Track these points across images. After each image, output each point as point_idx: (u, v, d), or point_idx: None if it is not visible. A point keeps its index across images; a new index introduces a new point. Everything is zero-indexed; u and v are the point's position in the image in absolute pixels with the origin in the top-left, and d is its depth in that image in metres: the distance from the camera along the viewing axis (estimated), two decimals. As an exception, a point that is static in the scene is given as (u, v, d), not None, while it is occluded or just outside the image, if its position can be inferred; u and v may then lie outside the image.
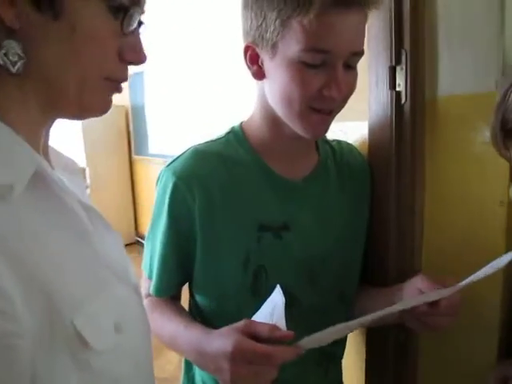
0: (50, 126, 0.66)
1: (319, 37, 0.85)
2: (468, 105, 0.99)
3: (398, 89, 1.05)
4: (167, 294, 1.08)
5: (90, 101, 0.62)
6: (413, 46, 1.03)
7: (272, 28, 0.88)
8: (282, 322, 0.80)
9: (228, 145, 1.04)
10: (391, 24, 1.04)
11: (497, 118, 0.87)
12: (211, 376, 1.04)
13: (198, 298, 1.07)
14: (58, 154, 0.73)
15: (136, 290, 0.72)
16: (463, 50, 0.99)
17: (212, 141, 1.06)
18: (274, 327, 0.80)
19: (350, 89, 0.93)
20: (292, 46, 0.87)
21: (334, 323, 0.82)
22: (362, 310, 1.09)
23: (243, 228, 0.99)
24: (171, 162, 1.03)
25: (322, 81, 0.89)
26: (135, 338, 0.68)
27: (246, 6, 0.93)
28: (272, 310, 0.84)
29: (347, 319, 1.08)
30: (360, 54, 0.90)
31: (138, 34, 0.64)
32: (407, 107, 1.05)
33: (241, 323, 0.83)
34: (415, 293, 0.92)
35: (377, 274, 1.12)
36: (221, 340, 0.83)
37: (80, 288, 0.58)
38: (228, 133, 1.06)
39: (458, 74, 1.00)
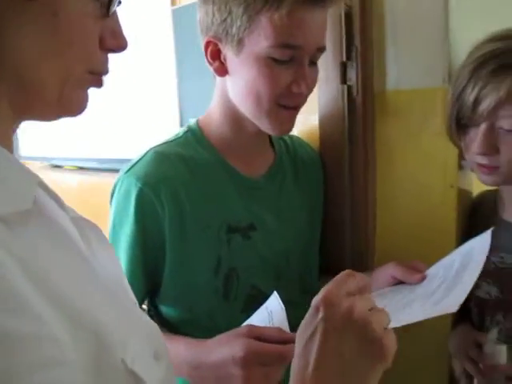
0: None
1: (290, 33, 0.87)
2: (416, 98, 1.08)
3: (349, 83, 1.11)
4: None
5: (70, 100, 0.52)
6: (363, 42, 1.09)
7: (238, 23, 0.88)
8: (285, 326, 0.79)
9: (187, 144, 1.00)
10: (341, 22, 1.09)
11: (452, 114, 0.97)
12: None
13: (164, 309, 1.01)
14: None
15: (137, 305, 0.64)
16: (410, 47, 1.08)
17: (169, 141, 1.01)
18: (282, 329, 0.79)
19: (314, 84, 0.97)
20: (260, 41, 0.87)
21: (300, 315, 0.83)
22: None
23: (213, 232, 0.97)
24: (130, 168, 0.96)
25: (290, 77, 0.90)
26: (167, 360, 0.61)
27: (205, 0, 0.91)
28: (268, 316, 0.83)
29: None
30: (324, 49, 0.94)
31: (117, 15, 0.55)
32: (359, 100, 1.11)
33: (242, 328, 0.81)
34: (388, 279, 0.97)
35: (334, 261, 1.17)
36: (224, 347, 0.79)
37: (118, 319, 0.51)
38: (186, 132, 1.03)
39: (405, 70, 1.09)
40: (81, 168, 2.88)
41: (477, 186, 1.16)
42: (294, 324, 0.80)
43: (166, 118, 2.49)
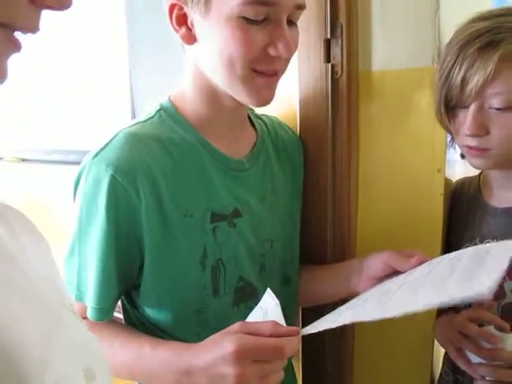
0: None
1: None
2: (404, 78, 1.04)
3: (332, 62, 1.06)
4: (110, 315, 0.88)
5: None
6: (348, 19, 1.04)
7: None
8: (281, 321, 0.72)
9: (162, 124, 0.90)
10: (326, -3, 1.04)
11: (440, 96, 0.94)
12: None
13: (148, 311, 0.91)
14: None
15: (73, 310, 0.53)
16: (398, 25, 1.03)
17: (141, 122, 0.90)
18: (276, 323, 0.70)
19: (295, 46, 0.87)
20: None
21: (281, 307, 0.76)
22: (310, 291, 1.08)
23: (196, 221, 0.87)
24: (98, 153, 0.84)
25: (266, 38, 0.81)
26: (106, 379, 0.52)
27: None
28: (263, 314, 0.76)
29: (294, 302, 1.07)
30: (303, 7, 0.84)
31: None
32: (343, 80, 1.05)
33: (234, 325, 0.72)
34: (383, 267, 0.90)
35: (315, 248, 1.12)
36: (214, 347, 0.71)
37: (40, 332, 0.42)
38: (158, 110, 0.92)
39: (392, 49, 1.04)
40: (23, 160, 2.72)
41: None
42: None
43: (116, 107, 2.37)
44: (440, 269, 0.78)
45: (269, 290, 0.77)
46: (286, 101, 1.12)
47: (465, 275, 0.70)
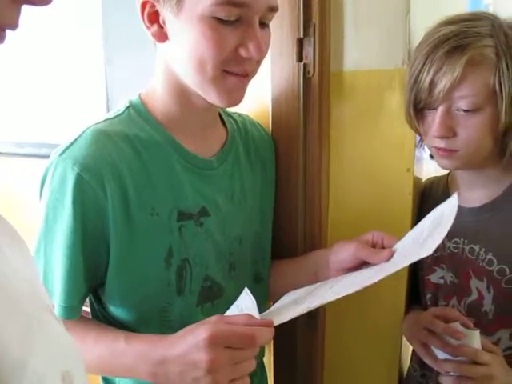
0: None
1: None
2: (373, 79, 1.05)
3: (305, 61, 1.06)
4: (79, 312, 0.88)
5: None
6: (321, 19, 1.04)
7: None
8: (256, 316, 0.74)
9: (131, 122, 0.89)
10: (299, -4, 1.04)
11: (409, 98, 0.96)
12: None
13: (112, 309, 0.91)
14: None
15: (52, 311, 0.53)
16: (369, 27, 1.04)
17: (110, 119, 0.89)
18: (251, 316, 0.72)
19: (267, 48, 0.86)
20: None
21: None
22: (281, 287, 1.07)
23: (162, 219, 0.87)
24: (65, 150, 0.83)
25: (238, 39, 0.81)
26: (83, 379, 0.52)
27: None
28: (240, 312, 0.78)
29: (265, 299, 1.08)
30: (275, 9, 0.84)
31: None
32: (315, 80, 1.06)
33: (211, 318, 0.74)
34: (352, 260, 0.91)
35: (286, 246, 1.12)
36: (188, 336, 0.72)
37: (18, 334, 0.42)
38: (127, 107, 0.91)
39: (364, 50, 1.05)
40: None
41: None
42: None
43: (90, 101, 2.35)
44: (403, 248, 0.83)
45: (246, 289, 0.78)
46: (259, 99, 1.12)
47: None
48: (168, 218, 0.88)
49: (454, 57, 0.88)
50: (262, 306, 1.06)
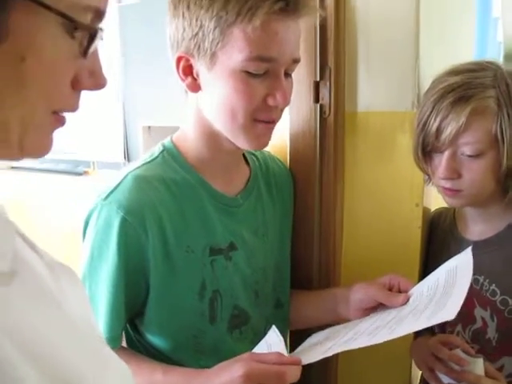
0: None
1: (264, 45, 0.86)
2: (385, 120, 1.13)
3: (321, 102, 1.14)
4: (120, 342, 0.97)
5: (33, 141, 0.48)
6: (336, 63, 1.12)
7: (211, 37, 0.86)
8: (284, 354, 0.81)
9: (166, 165, 0.98)
10: (316, 42, 1.12)
11: (418, 141, 1.04)
12: None
13: (149, 337, 0.99)
14: None
15: (106, 343, 0.60)
16: (381, 72, 1.12)
17: (147, 162, 0.98)
18: (280, 354, 0.80)
19: (291, 96, 0.95)
20: (234, 55, 0.86)
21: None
22: (302, 317, 1.16)
23: (196, 256, 0.96)
24: (109, 194, 0.91)
25: (266, 90, 0.89)
26: None
27: (175, 14, 0.90)
28: (268, 348, 0.85)
29: (285, 325, 1.15)
30: (298, 60, 0.94)
31: (97, 53, 0.50)
32: (330, 120, 1.14)
33: (243, 355, 0.81)
34: (370, 302, 0.98)
35: (302, 275, 1.20)
36: (224, 372, 0.80)
37: (93, 366, 0.49)
38: (161, 151, 1.00)
39: (376, 93, 1.13)
40: (13, 167, 2.76)
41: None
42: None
43: (107, 119, 2.42)
44: (421, 303, 0.88)
45: (274, 327, 0.87)
46: (278, 135, 1.20)
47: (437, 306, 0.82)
48: (201, 254, 0.96)
49: (459, 107, 0.96)
50: (284, 330, 1.14)
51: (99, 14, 0.48)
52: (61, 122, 0.50)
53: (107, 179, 0.92)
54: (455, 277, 0.87)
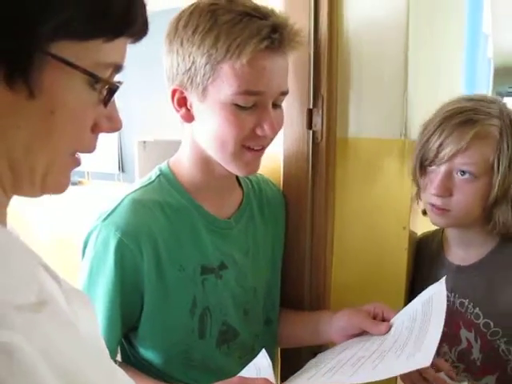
0: None
1: (252, 80, 0.91)
2: (374, 146, 1.18)
3: (314, 128, 1.19)
4: (116, 354, 1.02)
5: (54, 181, 0.54)
6: (329, 92, 1.17)
7: (202, 72, 0.92)
8: (272, 379, 0.83)
9: (161, 189, 1.03)
10: (310, 72, 1.17)
11: (417, 157, 1.08)
12: None
13: (142, 350, 1.04)
14: None
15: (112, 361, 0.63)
16: (371, 101, 1.17)
17: (144, 186, 1.03)
18: (268, 380, 0.82)
19: (280, 127, 1.01)
20: (224, 89, 0.91)
21: (263, 345, 0.94)
22: (290, 336, 1.21)
23: (188, 275, 1.01)
24: (107, 216, 0.97)
25: (254, 121, 0.95)
26: None
27: (171, 49, 0.96)
28: (257, 372, 0.88)
29: (274, 341, 1.19)
30: (286, 92, 1.00)
31: (114, 99, 0.56)
32: (322, 145, 1.19)
33: (233, 379, 0.84)
34: (354, 330, 1.02)
35: (293, 296, 1.24)
36: None
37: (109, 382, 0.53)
38: (158, 175, 1.05)
39: (366, 120, 1.18)
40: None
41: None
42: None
43: (104, 134, 2.45)
44: (402, 334, 0.91)
45: (263, 350, 0.90)
46: (272, 158, 1.24)
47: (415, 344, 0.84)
48: (193, 273, 1.01)
49: (464, 128, 1.02)
50: (272, 346, 1.18)
51: (118, 68, 0.54)
52: (78, 162, 0.56)
53: (101, 189, 0.95)
54: (431, 307, 0.90)
